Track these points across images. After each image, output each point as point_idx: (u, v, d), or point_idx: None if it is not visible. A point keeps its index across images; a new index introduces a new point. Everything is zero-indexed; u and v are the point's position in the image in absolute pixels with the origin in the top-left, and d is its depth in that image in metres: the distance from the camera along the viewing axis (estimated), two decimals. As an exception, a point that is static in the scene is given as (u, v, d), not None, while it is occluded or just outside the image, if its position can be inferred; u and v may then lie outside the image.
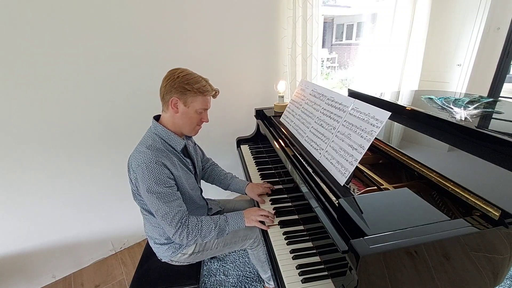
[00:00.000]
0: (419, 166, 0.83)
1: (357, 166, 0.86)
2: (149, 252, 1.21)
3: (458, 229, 0.61)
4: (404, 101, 1.59)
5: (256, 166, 1.53)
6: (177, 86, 0.94)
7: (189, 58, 1.73)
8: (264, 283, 1.49)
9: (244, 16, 1.86)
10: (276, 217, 1.11)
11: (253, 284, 1.53)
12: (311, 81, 2.13)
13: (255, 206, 1.21)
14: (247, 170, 1.51)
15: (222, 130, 2.07)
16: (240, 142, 1.82)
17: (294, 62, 2.10)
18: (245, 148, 1.76)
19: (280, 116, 1.47)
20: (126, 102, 1.57)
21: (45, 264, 1.59)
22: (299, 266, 0.87)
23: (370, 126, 0.80)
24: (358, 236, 0.60)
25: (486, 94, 2.67)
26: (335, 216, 0.74)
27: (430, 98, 1.52)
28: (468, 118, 1.16)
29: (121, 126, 1.60)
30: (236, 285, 1.53)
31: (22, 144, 1.33)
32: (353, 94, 1.68)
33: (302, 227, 1.04)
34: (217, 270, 1.63)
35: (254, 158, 1.62)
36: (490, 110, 1.30)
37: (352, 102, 0.93)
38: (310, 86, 1.26)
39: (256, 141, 1.82)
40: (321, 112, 1.08)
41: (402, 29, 2.52)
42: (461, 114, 1.21)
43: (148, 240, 1.20)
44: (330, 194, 0.81)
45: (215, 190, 1.42)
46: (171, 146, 1.01)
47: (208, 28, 1.74)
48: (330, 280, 0.82)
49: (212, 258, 1.71)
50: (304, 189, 0.92)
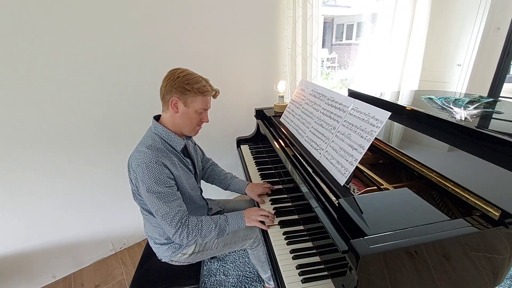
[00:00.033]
0: (419, 166, 0.83)
1: (357, 166, 0.86)
2: (149, 252, 1.21)
3: (458, 229, 0.61)
4: (404, 101, 1.59)
5: (256, 166, 1.53)
6: (177, 86, 0.94)
7: (189, 58, 1.73)
8: (264, 283, 1.49)
9: (244, 16, 1.86)
10: (276, 217, 1.11)
11: (253, 284, 1.53)
12: (311, 81, 2.13)
13: (255, 206, 1.21)
14: (247, 170, 1.51)
15: (222, 130, 2.07)
16: (240, 142, 1.82)
17: (294, 62, 2.10)
18: (245, 148, 1.76)
19: (280, 116, 1.47)
20: (126, 102, 1.58)
21: (45, 264, 1.59)
22: (299, 266, 0.87)
23: (370, 126, 0.80)
24: (358, 236, 0.60)
25: (486, 94, 2.67)
26: (335, 216, 0.74)
27: (430, 98, 1.52)
28: (468, 118, 1.16)
29: (121, 126, 1.60)
30: (236, 285, 1.53)
31: (22, 144, 1.33)
32: (353, 94, 1.68)
33: (302, 227, 1.04)
34: (217, 270, 1.63)
35: (254, 158, 1.62)
36: (490, 110, 1.30)
37: (352, 102, 0.93)
38: (310, 86, 1.26)
39: (256, 141, 1.82)
40: (321, 112, 1.08)
41: (402, 29, 2.52)
42: (461, 114, 1.21)
43: (148, 240, 1.20)
44: (330, 194, 0.81)
45: (215, 190, 1.42)
46: (171, 146, 1.01)
47: (208, 28, 1.74)
48: (330, 280, 0.82)
49: (212, 258, 1.71)
50: (304, 189, 0.92)
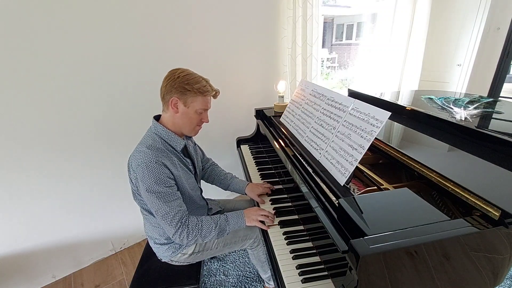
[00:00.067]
0: (419, 166, 0.83)
1: (357, 166, 0.86)
2: (149, 252, 1.21)
3: (458, 229, 0.61)
4: (404, 101, 1.59)
5: (256, 166, 1.53)
6: (177, 86, 0.94)
7: (189, 58, 1.73)
8: (264, 283, 1.49)
9: (244, 16, 1.86)
10: (276, 217, 1.11)
11: (253, 284, 1.53)
12: (311, 81, 2.13)
13: (255, 206, 1.21)
14: (247, 170, 1.51)
15: (222, 130, 2.07)
16: (240, 142, 1.82)
17: (294, 62, 2.10)
18: (245, 148, 1.76)
19: (280, 116, 1.47)
20: (126, 102, 1.58)
21: (45, 264, 1.59)
22: (299, 266, 0.87)
23: (370, 126, 0.80)
24: (358, 236, 0.60)
25: (486, 94, 2.67)
26: (335, 216, 0.74)
27: (430, 98, 1.52)
28: (468, 118, 1.16)
29: (121, 126, 1.60)
30: (236, 285, 1.53)
31: (22, 144, 1.33)
32: (353, 94, 1.68)
33: (302, 227, 1.04)
34: (217, 270, 1.63)
35: (254, 158, 1.62)
36: (490, 110, 1.30)
37: (352, 102, 0.93)
38: (310, 86, 1.26)
39: (256, 141, 1.82)
40: (321, 112, 1.08)
41: (402, 29, 2.52)
42: (461, 114, 1.21)
43: (148, 240, 1.20)
44: (330, 194, 0.81)
45: (215, 190, 1.42)
46: (171, 146, 1.01)
47: (208, 28, 1.74)
48: (330, 280, 0.82)
49: (212, 258, 1.71)
50: (304, 189, 0.92)
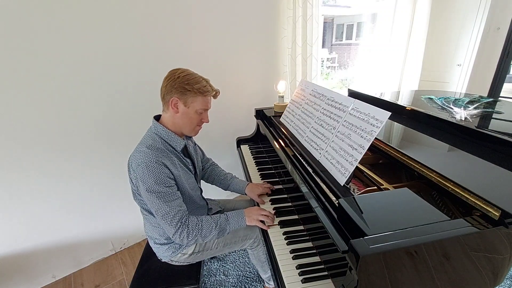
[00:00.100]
0: (419, 166, 0.83)
1: (357, 166, 0.86)
2: (149, 252, 1.21)
3: (458, 229, 0.61)
4: (404, 101, 1.59)
5: (256, 166, 1.53)
6: (177, 86, 0.94)
7: (189, 58, 1.73)
8: (264, 283, 1.49)
9: (244, 16, 1.86)
10: (276, 217, 1.11)
11: (253, 284, 1.53)
12: (311, 81, 2.13)
13: (256, 206, 1.21)
14: (247, 170, 1.51)
15: (222, 130, 2.07)
16: (240, 142, 1.82)
17: (294, 62, 2.10)
18: (245, 148, 1.76)
19: (280, 116, 1.47)
20: (126, 102, 1.57)
21: (45, 264, 1.59)
22: (299, 266, 0.87)
23: (370, 126, 0.80)
24: (358, 236, 0.60)
25: (486, 94, 2.67)
26: (335, 216, 0.74)
27: (430, 98, 1.52)
28: (468, 118, 1.16)
29: (121, 126, 1.60)
30: (236, 285, 1.53)
31: (22, 144, 1.33)
32: (353, 94, 1.68)
33: (302, 227, 1.04)
34: (217, 270, 1.63)
35: (254, 158, 1.62)
36: (490, 110, 1.30)
37: (352, 102, 0.93)
38: (310, 86, 1.26)
39: (256, 141, 1.82)
40: (321, 112, 1.08)
41: (402, 29, 2.52)
42: (461, 114, 1.21)
43: (148, 240, 1.20)
44: (330, 194, 0.81)
45: (215, 190, 1.42)
46: (171, 146, 1.01)
47: (208, 28, 1.74)
48: (330, 280, 0.82)
49: (212, 258, 1.71)
50: (304, 189, 0.92)
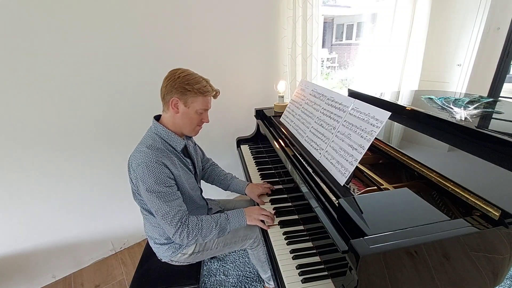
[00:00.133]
0: (419, 166, 0.83)
1: (357, 166, 0.86)
2: (149, 252, 1.21)
3: (458, 229, 0.61)
4: (404, 101, 1.59)
5: (256, 166, 1.53)
6: (177, 86, 0.94)
7: (189, 58, 1.73)
8: (264, 283, 1.49)
9: (244, 16, 1.86)
10: (276, 217, 1.11)
11: (253, 284, 1.53)
12: (311, 81, 2.13)
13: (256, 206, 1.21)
14: (247, 170, 1.51)
15: (222, 130, 2.07)
16: (240, 142, 1.82)
17: (294, 62, 2.10)
18: (245, 148, 1.76)
19: (280, 116, 1.47)
20: (126, 102, 1.57)
21: (45, 264, 1.59)
22: (299, 266, 0.87)
23: (370, 126, 0.80)
24: (358, 236, 0.60)
25: (486, 94, 2.67)
26: (335, 216, 0.74)
27: (430, 98, 1.52)
28: (468, 118, 1.16)
29: (121, 126, 1.60)
30: (236, 285, 1.53)
31: (22, 144, 1.33)
32: (353, 94, 1.68)
33: (302, 227, 1.04)
34: (217, 270, 1.63)
35: (254, 158, 1.62)
36: (490, 110, 1.30)
37: (352, 102, 0.93)
38: (310, 86, 1.26)
39: (256, 141, 1.82)
40: (321, 112, 1.08)
41: (402, 29, 2.52)
42: (461, 114, 1.21)
43: (148, 240, 1.20)
44: (330, 194, 0.81)
45: (215, 190, 1.41)
46: (171, 146, 1.01)
47: (208, 28, 1.74)
48: (330, 280, 0.82)
49: (212, 258, 1.71)
50: (304, 189, 0.92)
